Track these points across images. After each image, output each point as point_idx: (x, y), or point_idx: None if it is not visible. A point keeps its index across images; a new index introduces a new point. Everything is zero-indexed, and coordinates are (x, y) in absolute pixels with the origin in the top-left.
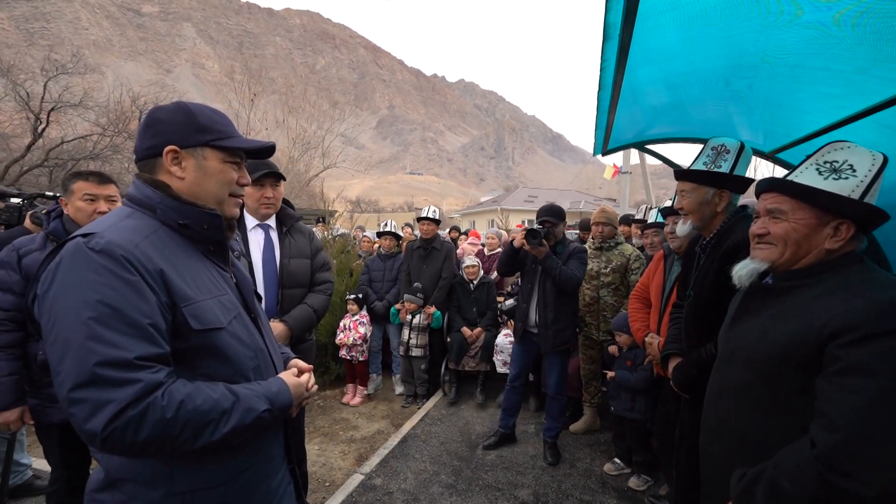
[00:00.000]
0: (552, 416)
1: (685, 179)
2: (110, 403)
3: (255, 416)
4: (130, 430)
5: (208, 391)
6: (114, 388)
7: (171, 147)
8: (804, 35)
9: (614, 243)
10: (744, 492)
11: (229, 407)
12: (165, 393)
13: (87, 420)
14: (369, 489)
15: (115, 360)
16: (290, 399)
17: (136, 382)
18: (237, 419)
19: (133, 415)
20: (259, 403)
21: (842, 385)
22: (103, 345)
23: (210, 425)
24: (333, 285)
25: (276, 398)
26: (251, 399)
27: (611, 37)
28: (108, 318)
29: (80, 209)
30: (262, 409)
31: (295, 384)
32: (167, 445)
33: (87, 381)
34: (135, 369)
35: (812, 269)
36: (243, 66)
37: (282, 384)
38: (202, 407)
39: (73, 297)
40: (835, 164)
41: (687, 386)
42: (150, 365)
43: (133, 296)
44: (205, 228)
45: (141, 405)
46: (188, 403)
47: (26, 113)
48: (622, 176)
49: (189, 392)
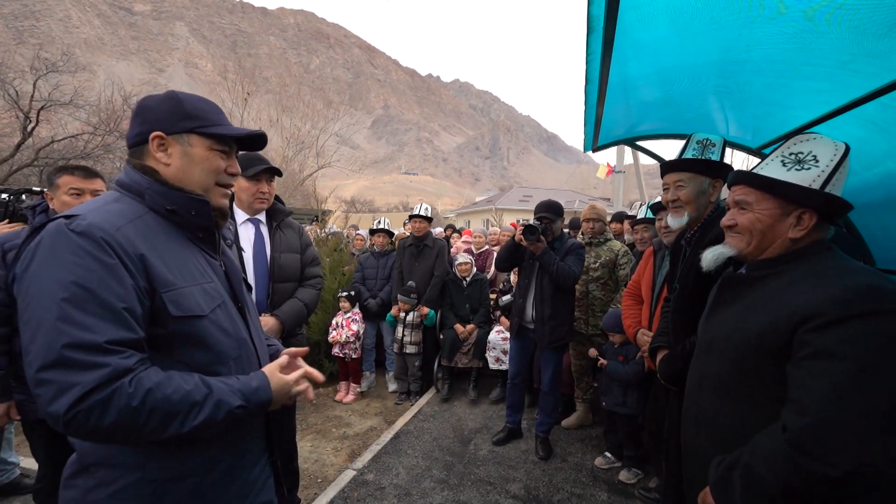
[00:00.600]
0: (545, 411)
1: (682, 169)
2: (75, 386)
3: (227, 412)
4: (94, 415)
5: (180, 382)
6: (80, 371)
7: (157, 133)
8: (786, 30)
9: (603, 239)
10: (721, 478)
11: (201, 399)
12: (134, 380)
13: (50, 402)
14: (361, 484)
15: (84, 343)
16: (270, 396)
17: (104, 367)
18: (208, 413)
19: (98, 399)
20: (233, 399)
21: (810, 370)
22: (74, 326)
23: (178, 416)
24: (323, 280)
25: (254, 394)
26: (225, 393)
27: (594, 29)
28: (80, 300)
29: (65, 203)
30: (234, 405)
31: (278, 382)
32: (133, 433)
33: (53, 363)
34: (104, 353)
35: (782, 258)
36: (237, 66)
37: (262, 380)
38: (172, 397)
39: (48, 277)
40: (799, 155)
41: (673, 378)
42: (121, 350)
43: (109, 279)
44: (192, 214)
45: (107, 390)
46: (157, 392)
47: (15, 112)
48: (616, 175)
49: (159, 381)
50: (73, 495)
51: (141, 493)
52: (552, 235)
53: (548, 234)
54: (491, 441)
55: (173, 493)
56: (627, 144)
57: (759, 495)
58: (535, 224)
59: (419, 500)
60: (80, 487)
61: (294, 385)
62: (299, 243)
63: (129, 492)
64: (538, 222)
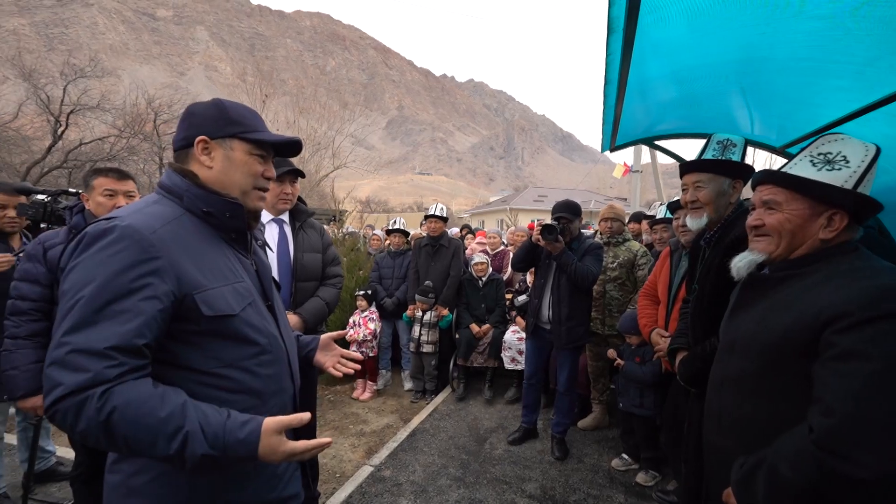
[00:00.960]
0: (561, 412)
1: (702, 170)
2: (59, 386)
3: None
4: (69, 417)
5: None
6: (69, 371)
7: (202, 137)
8: (810, 27)
9: (622, 239)
10: (744, 478)
11: (170, 432)
12: (106, 392)
13: (45, 393)
14: (378, 480)
15: (85, 346)
16: (252, 453)
17: (86, 372)
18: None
19: (72, 403)
20: (201, 446)
21: (837, 370)
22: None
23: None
24: (343, 279)
25: (234, 447)
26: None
27: (615, 30)
28: (97, 302)
29: (100, 204)
30: (200, 453)
31: (270, 445)
32: (105, 444)
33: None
34: (96, 357)
35: (807, 258)
36: (255, 69)
37: (252, 434)
38: (141, 420)
39: (80, 275)
40: (828, 155)
41: (692, 379)
42: (114, 357)
43: (134, 281)
44: (227, 217)
45: (79, 396)
46: (124, 411)
47: (46, 116)
48: (633, 175)
49: (131, 399)
50: (116, 480)
51: (178, 481)
52: (570, 235)
53: (566, 234)
54: (506, 440)
55: (209, 482)
56: (646, 144)
57: (783, 496)
58: (553, 224)
59: (435, 498)
60: (124, 472)
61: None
62: (321, 243)
63: (167, 478)
64: (556, 222)
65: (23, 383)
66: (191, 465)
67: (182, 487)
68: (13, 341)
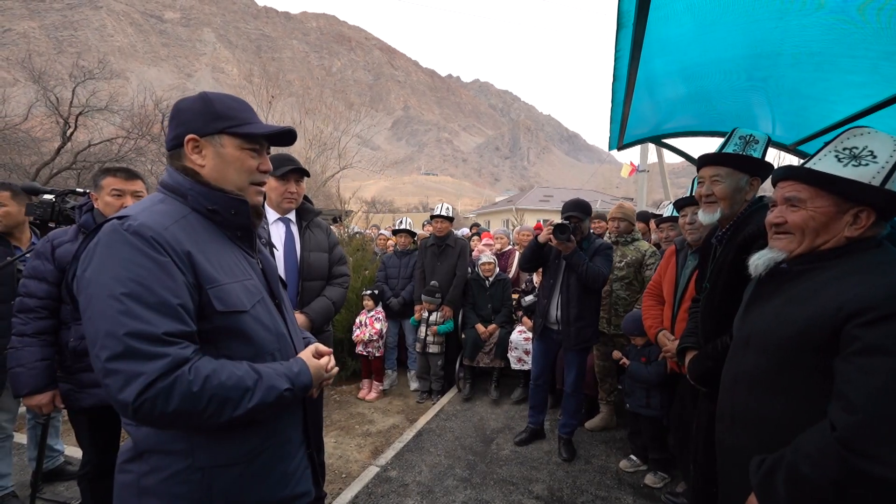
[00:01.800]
0: (568, 412)
1: (721, 163)
2: (141, 375)
3: (278, 395)
4: (160, 402)
5: (233, 368)
6: (145, 360)
7: (191, 136)
8: (825, 21)
9: (630, 239)
10: (764, 479)
11: (252, 385)
12: (192, 368)
13: (120, 391)
14: (385, 481)
15: (145, 334)
16: (310, 379)
17: (165, 356)
18: (260, 396)
19: (162, 387)
20: (281, 382)
21: (860, 366)
22: (135, 320)
23: (233, 401)
24: (350, 278)
25: (297, 378)
26: (273, 377)
27: (625, 25)
28: (138, 295)
29: (108, 203)
30: (283, 388)
31: (315, 365)
32: (195, 418)
33: (120, 354)
34: (163, 344)
35: (828, 252)
36: (261, 70)
37: (302, 364)
38: (227, 383)
39: (107, 275)
40: (854, 150)
41: (703, 378)
42: (178, 341)
43: (162, 275)
44: (233, 214)
45: (169, 378)
46: (213, 379)
47: (56, 117)
48: (639, 174)
49: (214, 368)
50: (127, 479)
51: (190, 480)
52: (581, 235)
53: (577, 234)
54: (513, 441)
55: (220, 481)
56: (653, 142)
57: (806, 496)
58: (566, 223)
59: (442, 498)
60: (135, 472)
61: (326, 369)
62: (327, 242)
63: (180, 478)
64: (567, 221)
65: (28, 381)
66: (275, 406)
67: (196, 486)
68: (20, 339)
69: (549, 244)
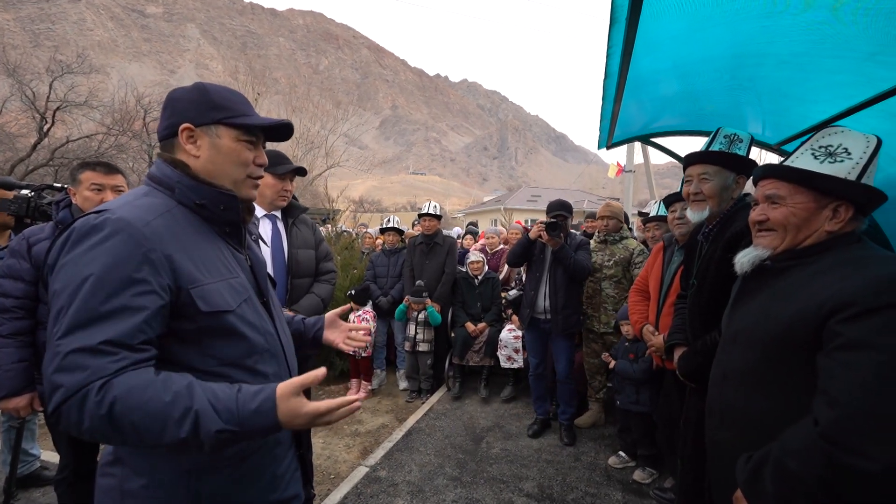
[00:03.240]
0: (564, 400)
1: (709, 161)
2: (59, 389)
3: (213, 433)
4: (73, 417)
5: (160, 391)
6: (67, 372)
7: (186, 125)
8: (810, 20)
9: (619, 237)
10: (751, 475)
11: (178, 416)
12: (105, 386)
13: (48, 399)
14: (374, 481)
15: (81, 345)
16: (272, 423)
17: (84, 370)
18: (188, 430)
19: (73, 403)
20: (215, 422)
21: (842, 361)
22: (78, 328)
23: (152, 430)
24: (336, 275)
25: (250, 418)
26: (208, 413)
27: (618, 20)
28: (92, 296)
29: (87, 199)
30: (215, 429)
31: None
32: (112, 439)
33: (57, 363)
34: (93, 355)
35: (811, 248)
36: (247, 67)
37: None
38: (145, 406)
39: (69, 272)
40: (829, 148)
41: (693, 375)
42: (111, 352)
43: (128, 274)
44: (221, 209)
45: (79, 394)
46: (125, 401)
47: (32, 112)
48: (626, 175)
49: (132, 387)
50: (109, 483)
51: (176, 484)
52: (566, 232)
53: (564, 231)
54: (527, 434)
55: (207, 484)
56: (642, 141)
57: (793, 492)
58: (557, 221)
59: (432, 498)
60: (117, 476)
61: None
62: (314, 239)
63: (165, 482)
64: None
65: (5, 383)
66: (210, 446)
67: (183, 490)
68: None
69: (538, 240)
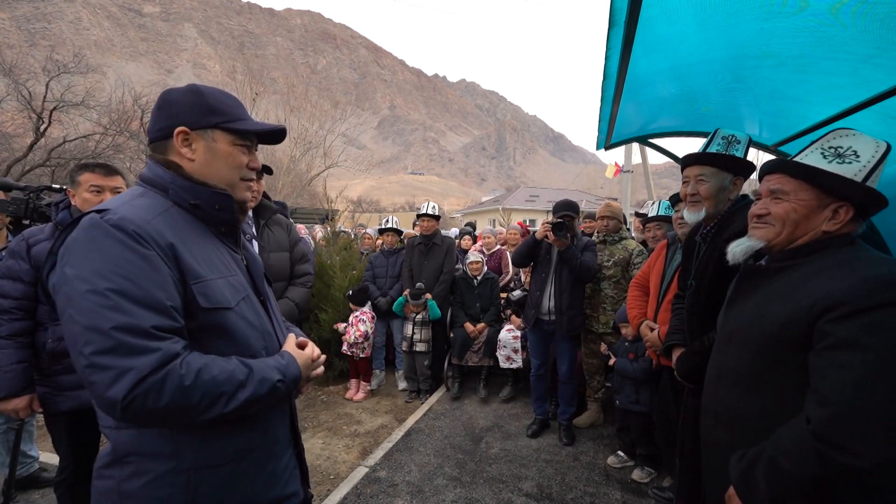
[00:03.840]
0: (565, 400)
1: (706, 163)
2: (131, 370)
3: (270, 386)
4: (151, 398)
5: (223, 363)
6: (135, 355)
7: (182, 128)
8: (809, 23)
9: (618, 238)
10: (744, 473)
11: (244, 378)
12: (183, 362)
13: (108, 387)
14: (374, 481)
15: (134, 328)
16: (300, 371)
17: (156, 351)
18: (252, 389)
19: (154, 382)
20: (272, 373)
21: (832, 360)
22: (121, 314)
23: (226, 394)
24: (313, 277)
25: (287, 370)
26: (264, 370)
27: (617, 23)
28: (124, 289)
29: (86, 200)
30: (276, 379)
31: (302, 356)
32: (187, 413)
33: (108, 349)
34: (153, 338)
35: (805, 248)
36: (245, 67)
37: (289, 357)
38: (219, 377)
39: (89, 270)
40: (839, 149)
41: (691, 375)
42: (167, 336)
43: (148, 269)
44: (216, 209)
45: (160, 373)
46: (205, 373)
47: (28, 112)
48: (624, 175)
49: (206, 362)
50: (107, 485)
51: (175, 482)
52: (572, 232)
53: (570, 231)
54: (526, 434)
55: (207, 482)
56: (640, 142)
57: (785, 490)
58: (564, 221)
59: (432, 498)
60: (114, 478)
61: (312, 359)
62: (288, 240)
63: (164, 481)
64: (563, 220)
65: (4, 384)
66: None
67: (182, 489)
68: None
69: (545, 241)
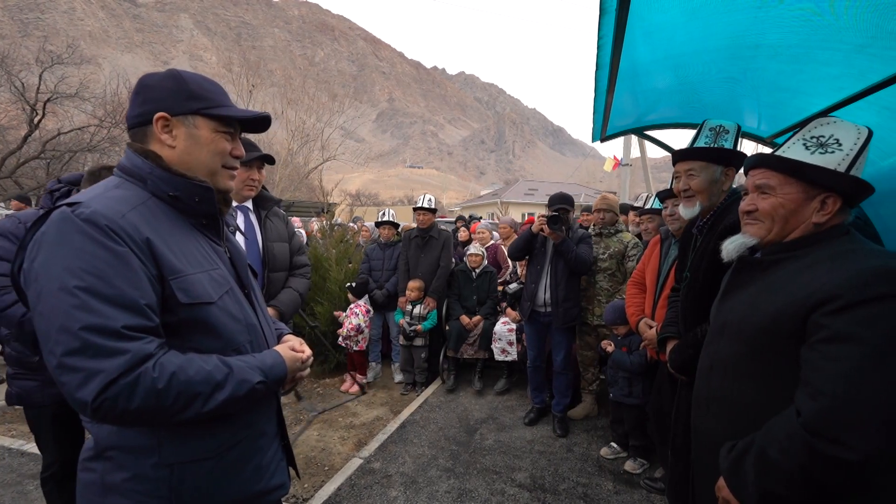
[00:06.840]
0: (560, 391)
1: (694, 158)
2: (100, 373)
3: (249, 388)
4: (122, 401)
5: (201, 363)
6: (103, 357)
7: (162, 114)
8: (802, 12)
9: (614, 230)
10: (733, 464)
11: (222, 379)
12: (157, 364)
13: (78, 389)
14: (368, 472)
15: (103, 328)
16: (285, 371)
17: (126, 353)
18: (230, 390)
19: (124, 384)
20: (253, 375)
21: (826, 353)
22: (90, 314)
23: (201, 397)
24: (311, 268)
25: (271, 371)
26: (244, 371)
27: (607, 10)
28: (94, 288)
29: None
30: (255, 381)
31: (290, 357)
32: (160, 415)
33: (76, 349)
34: (123, 339)
35: (800, 241)
36: (241, 58)
37: (277, 356)
38: (194, 378)
39: (58, 266)
40: (821, 138)
41: (684, 367)
42: (139, 336)
43: (120, 266)
44: (196, 201)
45: (131, 375)
46: (180, 374)
47: (22, 104)
48: (622, 168)
49: (181, 364)
50: (90, 478)
51: (158, 477)
52: (568, 225)
53: (566, 224)
54: (523, 422)
55: (190, 477)
56: (636, 134)
57: (774, 481)
58: (559, 215)
59: (426, 488)
60: (98, 471)
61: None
62: (287, 232)
63: (147, 475)
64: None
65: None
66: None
67: (165, 483)
68: None
69: (540, 233)
